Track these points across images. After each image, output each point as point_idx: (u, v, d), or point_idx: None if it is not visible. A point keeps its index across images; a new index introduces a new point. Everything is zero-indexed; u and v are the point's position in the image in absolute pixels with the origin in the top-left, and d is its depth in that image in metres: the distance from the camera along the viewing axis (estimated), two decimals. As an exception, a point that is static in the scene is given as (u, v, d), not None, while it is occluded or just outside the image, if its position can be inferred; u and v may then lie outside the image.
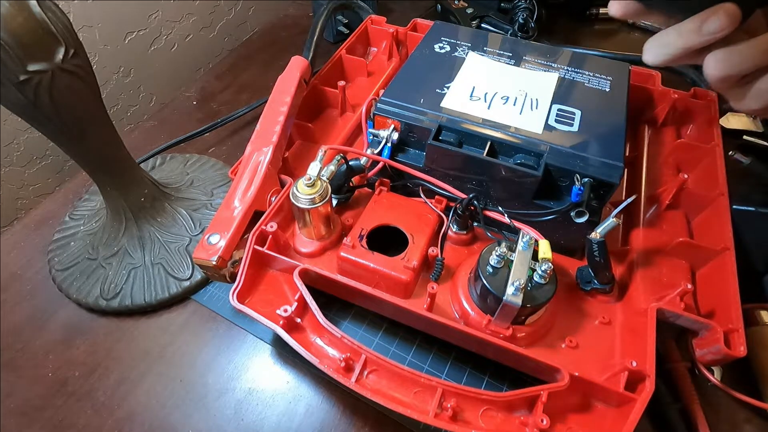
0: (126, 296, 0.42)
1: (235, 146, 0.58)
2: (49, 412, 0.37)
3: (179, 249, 0.45)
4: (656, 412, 0.35)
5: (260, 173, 0.38)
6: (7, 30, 0.30)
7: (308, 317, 0.34)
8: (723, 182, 0.39)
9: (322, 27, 0.50)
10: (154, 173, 0.52)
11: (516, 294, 0.30)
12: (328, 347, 0.33)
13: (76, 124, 0.36)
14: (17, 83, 0.31)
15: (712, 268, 0.36)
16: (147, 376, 0.39)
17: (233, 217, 0.35)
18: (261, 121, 0.41)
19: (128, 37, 0.70)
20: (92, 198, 0.52)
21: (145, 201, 0.45)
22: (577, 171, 0.34)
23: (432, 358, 0.38)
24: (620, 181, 0.34)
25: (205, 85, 0.68)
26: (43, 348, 0.41)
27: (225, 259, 0.34)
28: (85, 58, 0.35)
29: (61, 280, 0.44)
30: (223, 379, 0.39)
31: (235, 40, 0.87)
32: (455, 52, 0.45)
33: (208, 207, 0.48)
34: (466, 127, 0.37)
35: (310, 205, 0.35)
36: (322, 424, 0.36)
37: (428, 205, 0.39)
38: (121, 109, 0.74)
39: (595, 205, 0.35)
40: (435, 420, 0.29)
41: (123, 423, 0.37)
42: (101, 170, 0.42)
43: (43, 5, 0.31)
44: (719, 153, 0.42)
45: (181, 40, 0.78)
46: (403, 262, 0.35)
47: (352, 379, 0.31)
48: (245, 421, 0.37)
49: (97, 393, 0.38)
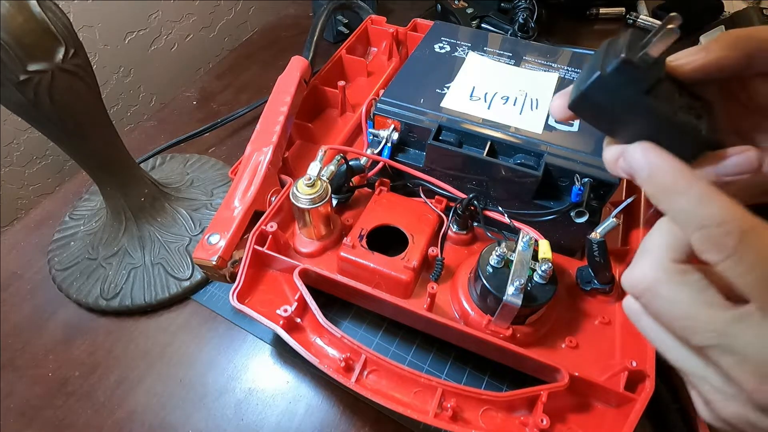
0: (126, 296, 0.42)
1: (235, 146, 0.58)
2: (49, 412, 0.37)
3: (179, 249, 0.45)
4: (656, 412, 0.35)
5: (260, 173, 0.38)
6: (7, 30, 0.30)
7: (308, 317, 0.34)
8: (723, 182, 0.39)
9: (322, 27, 0.50)
10: (154, 173, 0.52)
11: (516, 294, 0.30)
12: (328, 347, 0.33)
13: (76, 124, 0.36)
14: (17, 83, 0.31)
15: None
16: (147, 376, 0.39)
17: (233, 217, 0.35)
18: (261, 121, 0.41)
19: (128, 37, 0.70)
20: (92, 198, 0.52)
21: (145, 201, 0.45)
22: (577, 171, 0.34)
23: (432, 358, 0.38)
24: (620, 181, 0.34)
25: (205, 85, 0.68)
26: (43, 348, 0.41)
27: (225, 259, 0.34)
28: (85, 58, 0.35)
29: (61, 280, 0.44)
30: (223, 379, 0.39)
31: (235, 40, 0.87)
32: (455, 52, 0.45)
33: (208, 207, 0.48)
34: (466, 127, 0.37)
35: (310, 205, 0.35)
36: (322, 424, 0.36)
37: (428, 205, 0.39)
38: (121, 109, 0.74)
39: (595, 205, 0.35)
40: (435, 420, 0.29)
41: (123, 423, 0.37)
42: (101, 170, 0.42)
43: (43, 5, 0.31)
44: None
45: (181, 40, 0.78)
46: (403, 262, 0.35)
47: (352, 379, 0.31)
48: (245, 421, 0.37)
49: (97, 393, 0.38)
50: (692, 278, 0.18)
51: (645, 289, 0.19)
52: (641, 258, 0.19)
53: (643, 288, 0.19)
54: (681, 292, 0.18)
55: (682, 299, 0.18)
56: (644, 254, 0.19)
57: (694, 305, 0.17)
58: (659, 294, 0.18)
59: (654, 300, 0.19)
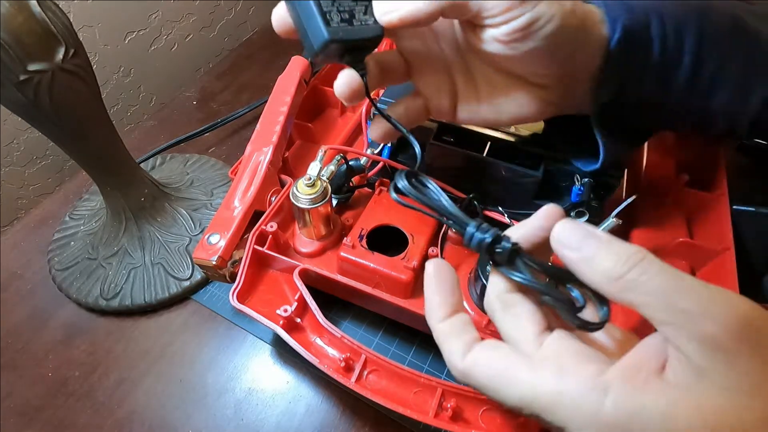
0: (126, 296, 0.42)
1: (235, 146, 0.58)
2: (49, 412, 0.37)
3: (179, 249, 0.45)
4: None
5: (260, 173, 0.38)
6: (7, 30, 0.30)
7: (308, 317, 0.34)
8: (723, 182, 0.39)
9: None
10: (154, 173, 0.52)
11: (516, 294, 0.30)
12: (328, 347, 0.33)
13: (76, 124, 0.36)
14: (17, 83, 0.31)
15: (712, 269, 0.36)
16: (147, 376, 0.39)
17: (233, 217, 0.35)
18: (261, 121, 0.41)
19: (128, 37, 0.70)
20: (92, 198, 0.52)
21: (145, 201, 0.45)
22: (577, 171, 0.34)
23: (432, 358, 0.38)
24: (620, 181, 0.34)
25: (205, 85, 0.68)
26: (43, 348, 0.41)
27: (225, 259, 0.34)
28: (85, 58, 0.35)
29: (61, 280, 0.44)
30: (223, 379, 0.39)
31: (235, 40, 0.87)
32: (455, 52, 0.45)
33: (208, 207, 0.48)
34: (467, 126, 0.37)
35: (310, 205, 0.35)
36: (322, 424, 0.36)
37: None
38: (121, 109, 0.74)
39: (595, 205, 0.35)
40: (435, 420, 0.29)
41: (123, 423, 0.37)
42: (101, 170, 0.42)
43: (43, 5, 0.31)
44: (720, 152, 0.42)
45: (181, 40, 0.78)
46: (403, 262, 0.35)
47: (352, 379, 0.31)
48: (245, 421, 0.37)
49: (97, 393, 0.38)
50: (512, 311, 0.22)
51: (489, 313, 0.24)
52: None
53: (489, 312, 0.24)
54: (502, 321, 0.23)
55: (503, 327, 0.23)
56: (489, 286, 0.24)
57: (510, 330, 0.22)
58: (495, 318, 0.23)
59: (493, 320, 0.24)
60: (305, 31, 0.25)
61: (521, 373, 0.20)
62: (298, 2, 0.24)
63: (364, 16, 0.25)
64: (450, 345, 0.22)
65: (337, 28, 0.24)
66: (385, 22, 0.25)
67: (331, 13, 0.24)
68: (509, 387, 0.20)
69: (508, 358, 0.21)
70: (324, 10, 0.24)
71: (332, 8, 0.24)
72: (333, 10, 0.24)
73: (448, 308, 0.23)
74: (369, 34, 0.25)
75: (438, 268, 0.24)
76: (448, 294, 0.24)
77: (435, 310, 0.23)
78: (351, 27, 0.25)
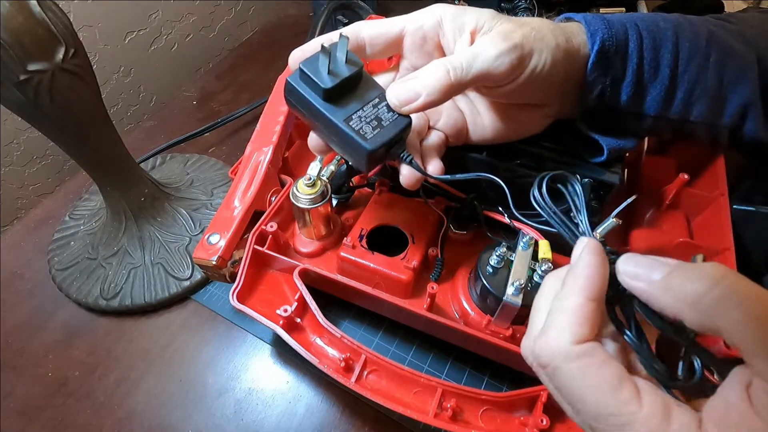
0: (126, 296, 0.42)
1: (235, 146, 0.58)
2: (49, 412, 0.37)
3: (179, 249, 0.45)
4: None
5: (260, 173, 0.38)
6: (7, 30, 0.30)
7: (308, 317, 0.34)
8: (723, 182, 0.39)
9: (322, 27, 0.50)
10: (154, 173, 0.52)
11: (516, 294, 0.30)
12: (328, 347, 0.33)
13: (76, 124, 0.36)
14: (17, 83, 0.31)
15: (712, 269, 0.36)
16: (147, 376, 0.39)
17: (233, 217, 0.35)
18: (261, 121, 0.41)
19: (128, 37, 0.70)
20: (92, 198, 0.52)
21: (145, 201, 0.45)
22: (577, 172, 0.34)
23: (432, 359, 0.38)
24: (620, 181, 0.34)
25: (205, 85, 0.68)
26: (43, 348, 0.41)
27: (225, 259, 0.34)
28: (85, 58, 0.35)
29: (61, 280, 0.44)
30: (223, 379, 0.39)
31: (235, 40, 0.87)
32: (455, 52, 0.45)
33: (208, 207, 0.48)
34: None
35: (310, 205, 0.35)
36: (322, 424, 0.36)
37: (428, 205, 0.39)
38: (121, 109, 0.74)
39: (595, 205, 0.35)
40: (435, 420, 0.29)
41: (123, 423, 0.37)
42: (101, 170, 0.42)
43: (43, 5, 0.31)
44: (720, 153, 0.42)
45: (181, 40, 0.78)
46: (403, 262, 0.35)
47: (352, 379, 0.31)
48: (245, 421, 0.37)
49: (96, 393, 0.38)
50: (591, 361, 0.19)
51: (547, 364, 0.19)
52: (547, 331, 0.20)
53: (546, 362, 0.19)
54: (578, 377, 0.19)
55: (578, 383, 0.19)
56: (549, 329, 0.20)
57: (589, 389, 0.18)
58: (560, 371, 0.19)
59: (555, 375, 0.19)
60: (348, 152, 0.28)
61: (625, 404, 0.18)
62: (333, 134, 0.27)
63: (389, 114, 0.27)
64: (571, 323, 0.19)
65: (373, 138, 0.26)
66: (407, 112, 0.27)
67: (363, 128, 0.26)
68: (605, 407, 0.18)
69: (621, 382, 0.18)
70: (356, 129, 0.26)
71: (361, 123, 0.26)
72: (363, 125, 0.26)
73: (598, 291, 0.20)
74: (401, 126, 0.27)
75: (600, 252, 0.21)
76: (602, 281, 0.20)
77: (588, 288, 0.20)
78: (383, 129, 0.27)
